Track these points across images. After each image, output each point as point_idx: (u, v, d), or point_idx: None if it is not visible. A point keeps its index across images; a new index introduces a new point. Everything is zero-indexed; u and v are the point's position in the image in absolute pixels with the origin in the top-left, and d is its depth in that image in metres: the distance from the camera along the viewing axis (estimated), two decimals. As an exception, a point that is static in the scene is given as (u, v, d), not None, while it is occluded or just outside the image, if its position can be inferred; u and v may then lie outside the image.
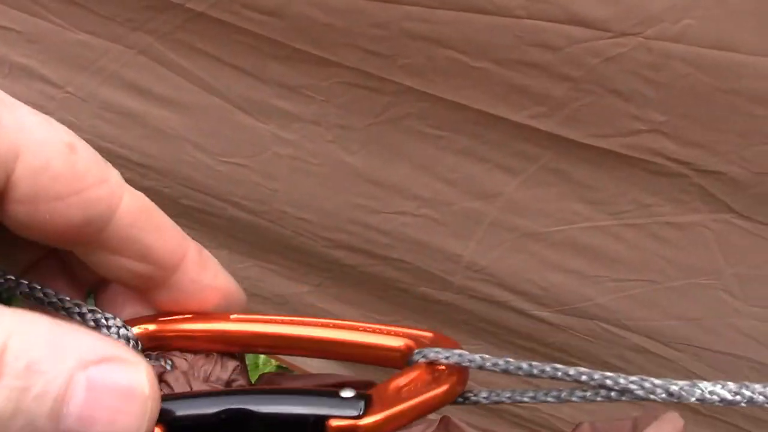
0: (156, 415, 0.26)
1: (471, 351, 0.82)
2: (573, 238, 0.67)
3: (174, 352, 0.39)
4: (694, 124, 0.56)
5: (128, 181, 0.80)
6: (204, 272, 0.37)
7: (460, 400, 0.37)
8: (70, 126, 0.73)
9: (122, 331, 0.36)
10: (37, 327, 0.25)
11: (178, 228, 0.38)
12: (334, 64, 0.60)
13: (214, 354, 0.39)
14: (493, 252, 0.70)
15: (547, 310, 0.77)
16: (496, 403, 0.37)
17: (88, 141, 0.74)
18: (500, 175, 0.65)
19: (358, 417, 0.32)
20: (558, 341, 0.81)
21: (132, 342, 0.36)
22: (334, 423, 0.32)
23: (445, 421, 0.36)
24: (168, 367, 0.38)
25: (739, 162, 0.58)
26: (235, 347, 0.39)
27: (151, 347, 0.38)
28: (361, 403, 0.33)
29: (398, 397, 0.34)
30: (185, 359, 0.38)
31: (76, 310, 0.36)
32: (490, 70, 0.56)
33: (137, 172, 0.74)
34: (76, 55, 0.67)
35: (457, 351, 0.35)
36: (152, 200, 0.83)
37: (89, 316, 0.36)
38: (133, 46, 0.65)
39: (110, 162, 0.77)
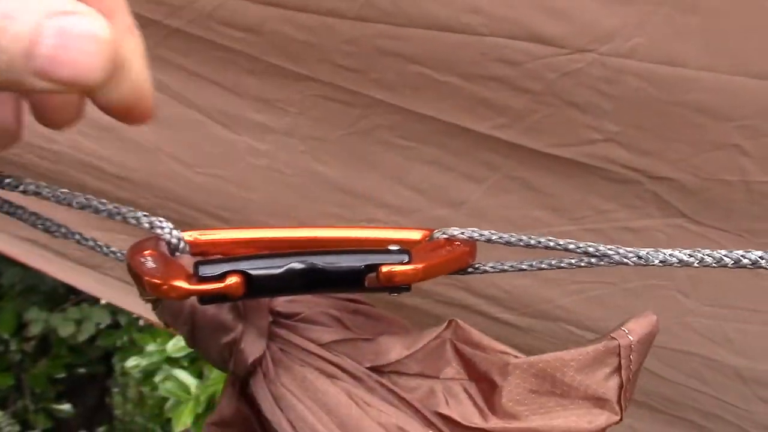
0: (113, 58, 0.29)
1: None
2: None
3: (216, 257, 0.45)
4: (647, 134, 0.60)
5: (103, 192, 0.82)
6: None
7: (471, 270, 0.47)
8: (47, 139, 0.75)
9: (174, 232, 0.43)
10: None
11: None
12: (307, 78, 0.63)
13: None
14: (460, 257, 0.74)
15: (511, 312, 0.81)
16: (501, 271, 0.48)
17: (65, 154, 0.76)
18: (466, 184, 0.68)
19: (406, 263, 0.41)
20: (522, 343, 0.85)
21: (182, 243, 0.43)
22: (384, 269, 0.41)
23: (452, 324, 0.47)
24: None
25: (689, 169, 0.62)
26: (265, 252, 0.45)
27: (195, 253, 0.45)
28: (406, 254, 0.42)
29: (429, 256, 0.43)
30: None
31: (131, 215, 0.43)
32: (456, 84, 0.60)
33: (114, 184, 0.76)
34: (56, 70, 0.69)
35: (471, 228, 0.47)
36: (129, 211, 0.83)
37: (144, 219, 0.43)
38: (112, 61, 0.67)
39: (87, 174, 0.79)
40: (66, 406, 3.30)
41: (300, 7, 0.58)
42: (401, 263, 0.42)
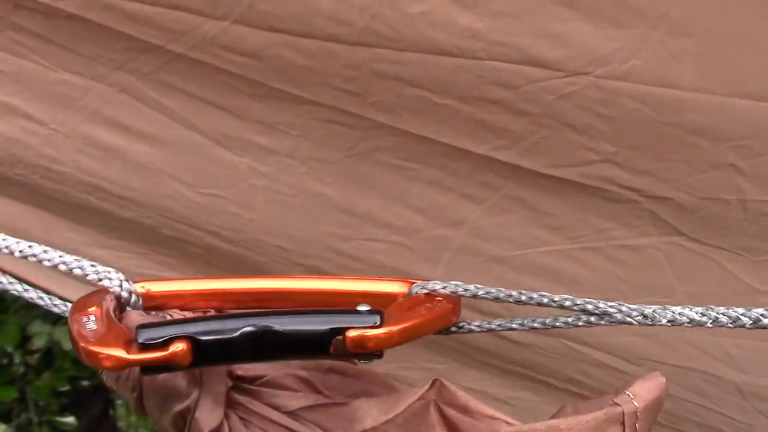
0: None
1: (438, 370, 0.87)
2: (534, 261, 0.72)
3: (173, 311, 0.42)
4: (643, 154, 0.61)
5: (109, 212, 0.82)
6: None
7: (455, 329, 0.43)
8: (52, 161, 0.76)
9: (125, 284, 0.40)
10: None
11: None
12: (308, 101, 0.64)
13: (211, 311, 0.43)
14: (460, 275, 0.73)
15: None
16: (488, 330, 0.43)
17: (69, 175, 0.77)
18: (466, 204, 0.69)
19: (377, 326, 0.37)
20: (524, 358, 0.85)
21: (134, 297, 0.40)
22: (352, 333, 0.37)
23: (437, 384, 0.42)
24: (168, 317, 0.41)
25: (685, 189, 0.63)
26: (230, 304, 0.42)
27: (150, 307, 0.41)
28: (378, 315, 0.37)
29: (406, 316, 0.39)
30: (183, 316, 0.42)
31: (76, 265, 0.40)
32: (455, 107, 0.61)
33: (118, 204, 0.77)
34: (60, 94, 0.70)
35: (454, 282, 0.42)
36: (133, 230, 0.85)
37: (90, 270, 0.40)
38: (115, 85, 0.68)
39: (91, 195, 0.80)
40: (70, 419, 3.29)
41: (301, 33, 0.58)
42: (373, 326, 0.37)
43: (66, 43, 0.67)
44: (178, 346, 0.36)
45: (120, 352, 0.35)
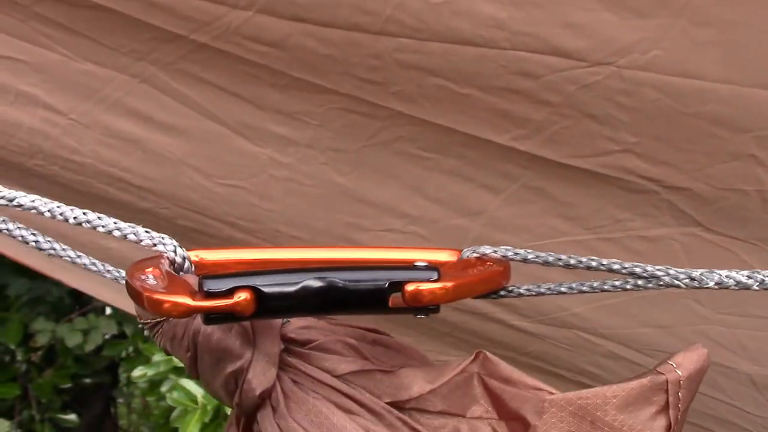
0: None
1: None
2: (551, 251, 0.72)
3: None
4: (663, 144, 0.61)
5: (127, 203, 0.83)
6: None
7: (504, 293, 0.44)
8: (72, 151, 0.77)
9: (179, 250, 0.41)
10: None
11: None
12: (329, 91, 0.65)
13: None
14: (477, 266, 0.74)
15: (527, 320, 0.82)
16: (537, 294, 0.45)
17: (89, 166, 0.77)
18: (484, 194, 0.69)
19: (434, 281, 0.38)
20: (537, 350, 0.86)
21: (187, 263, 0.41)
22: (410, 287, 0.38)
23: (480, 357, 0.43)
24: None
25: (704, 179, 0.63)
26: None
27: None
28: (435, 271, 0.39)
29: (460, 275, 0.40)
30: None
31: (131, 231, 0.41)
32: (476, 97, 0.61)
33: (136, 195, 0.77)
34: (81, 84, 0.70)
35: (504, 246, 0.43)
36: (150, 221, 0.86)
37: (145, 236, 0.41)
38: (137, 75, 0.69)
39: (110, 185, 0.80)
40: (72, 416, 3.29)
41: (324, 22, 0.59)
42: (429, 281, 0.38)
43: (89, 33, 0.67)
44: (242, 296, 0.37)
45: (185, 299, 0.36)
